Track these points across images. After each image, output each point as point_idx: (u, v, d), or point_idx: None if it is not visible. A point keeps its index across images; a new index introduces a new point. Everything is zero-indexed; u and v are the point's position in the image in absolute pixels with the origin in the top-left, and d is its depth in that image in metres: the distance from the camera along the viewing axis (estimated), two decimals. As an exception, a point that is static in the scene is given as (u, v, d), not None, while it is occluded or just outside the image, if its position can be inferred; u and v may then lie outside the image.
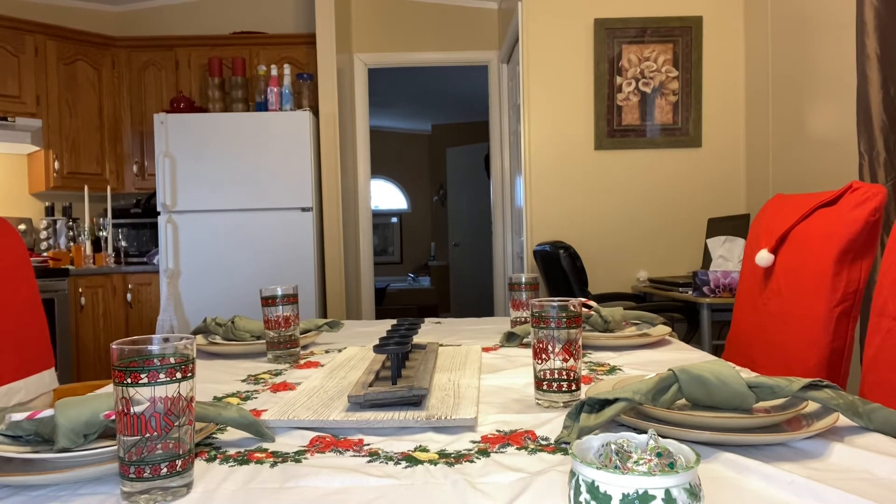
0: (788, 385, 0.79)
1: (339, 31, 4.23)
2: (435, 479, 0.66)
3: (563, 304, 0.91)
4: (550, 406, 0.91)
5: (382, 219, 8.91)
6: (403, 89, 7.04)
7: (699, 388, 0.80)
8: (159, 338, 0.62)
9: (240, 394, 1.05)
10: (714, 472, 0.66)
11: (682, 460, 0.49)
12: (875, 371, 1.18)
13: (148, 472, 0.60)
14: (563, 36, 3.72)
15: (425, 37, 4.68)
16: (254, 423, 0.79)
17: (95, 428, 0.72)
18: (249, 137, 3.81)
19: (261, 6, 4.64)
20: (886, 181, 2.23)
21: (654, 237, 3.76)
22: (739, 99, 3.72)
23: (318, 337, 1.55)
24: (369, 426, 0.83)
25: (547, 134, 3.76)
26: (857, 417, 0.77)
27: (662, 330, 1.43)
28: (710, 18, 3.69)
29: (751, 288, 1.69)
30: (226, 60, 4.20)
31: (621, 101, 3.72)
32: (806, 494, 0.60)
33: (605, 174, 3.76)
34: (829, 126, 2.87)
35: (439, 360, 1.20)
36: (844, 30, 2.61)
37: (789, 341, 1.48)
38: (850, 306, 1.37)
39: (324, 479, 0.67)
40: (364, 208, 4.69)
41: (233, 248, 3.74)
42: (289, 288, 1.32)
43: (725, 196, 3.73)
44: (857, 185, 1.41)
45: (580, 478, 0.48)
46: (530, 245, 3.77)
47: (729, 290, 2.72)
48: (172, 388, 0.61)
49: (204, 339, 1.47)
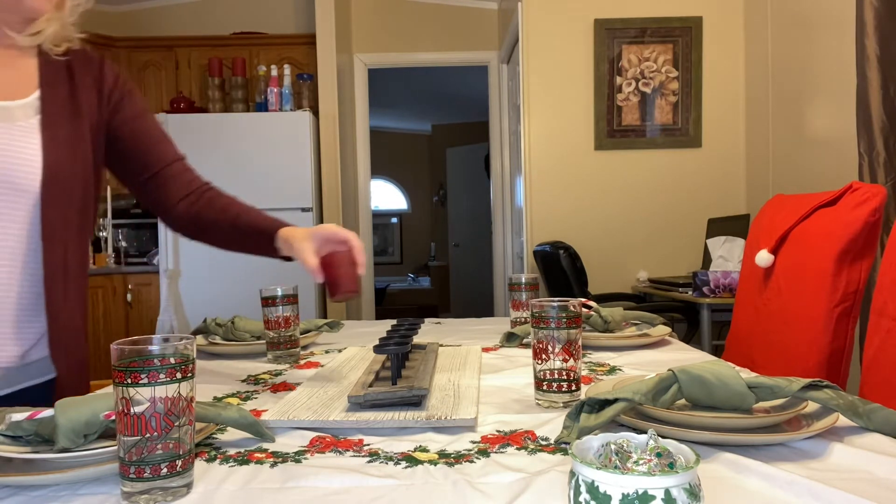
0: (788, 385, 0.79)
1: (339, 31, 4.23)
2: (435, 480, 0.66)
3: (563, 305, 0.91)
4: (550, 406, 0.91)
5: (382, 219, 8.91)
6: (403, 89, 7.05)
7: (699, 388, 0.80)
8: (159, 338, 0.62)
9: (240, 394, 1.05)
10: (714, 472, 0.66)
11: (682, 460, 0.49)
12: (875, 371, 1.18)
13: (148, 472, 0.60)
14: (563, 36, 3.72)
15: (425, 37, 4.68)
16: (254, 423, 0.79)
17: (95, 428, 0.72)
18: (249, 138, 3.81)
19: (261, 6, 4.64)
20: (886, 181, 2.23)
21: (654, 237, 3.76)
22: (739, 99, 3.72)
23: (318, 337, 1.55)
24: (369, 426, 0.83)
25: (547, 134, 3.76)
26: (857, 417, 0.77)
27: (662, 330, 1.43)
28: (710, 19, 3.69)
29: (751, 288, 1.69)
30: (226, 61, 4.20)
31: (621, 102, 3.72)
32: (806, 494, 0.60)
33: (606, 174, 3.76)
34: (829, 126, 2.87)
35: (439, 361, 1.20)
36: (844, 30, 2.61)
37: (789, 341, 1.48)
38: (850, 306, 1.37)
39: (324, 480, 0.67)
40: (364, 208, 4.69)
41: (233, 248, 3.73)
42: (289, 288, 1.32)
43: (725, 196, 3.73)
44: (857, 186, 1.41)
45: (580, 478, 0.48)
46: (530, 245, 3.77)
47: (729, 291, 2.72)
48: (172, 389, 0.61)
49: (204, 339, 1.47)
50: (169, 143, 1.27)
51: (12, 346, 1.08)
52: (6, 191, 1.03)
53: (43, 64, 1.13)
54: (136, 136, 1.22)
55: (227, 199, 1.26)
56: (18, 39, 1.08)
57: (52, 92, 1.11)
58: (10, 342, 1.07)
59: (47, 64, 1.13)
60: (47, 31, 1.09)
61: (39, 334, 1.11)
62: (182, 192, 1.24)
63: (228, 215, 1.22)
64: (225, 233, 1.23)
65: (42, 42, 1.11)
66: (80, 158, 1.12)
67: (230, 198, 1.26)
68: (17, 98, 1.08)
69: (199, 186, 1.27)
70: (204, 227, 1.25)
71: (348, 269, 1.06)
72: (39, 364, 1.13)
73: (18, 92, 1.09)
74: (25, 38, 1.09)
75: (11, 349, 1.08)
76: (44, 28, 1.09)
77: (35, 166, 1.05)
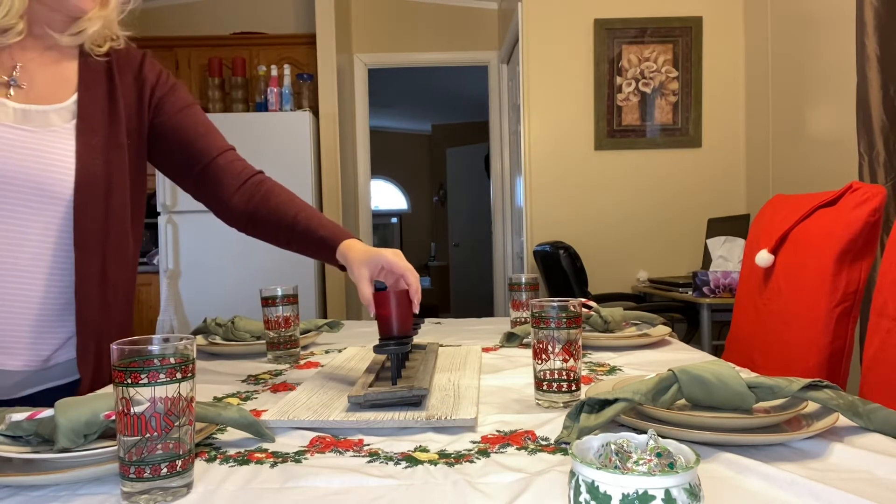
0: (788, 385, 0.79)
1: (339, 31, 4.23)
2: (435, 480, 0.66)
3: (563, 305, 0.91)
4: (550, 406, 0.91)
5: (382, 219, 8.91)
6: (403, 89, 7.05)
7: (699, 388, 0.80)
8: (159, 338, 0.62)
9: (240, 394, 1.05)
10: (714, 472, 0.66)
11: (682, 460, 0.49)
12: (875, 371, 1.18)
13: (148, 472, 0.60)
14: (563, 36, 3.72)
15: (425, 37, 4.68)
16: (254, 423, 0.79)
17: (95, 428, 0.72)
18: (249, 138, 3.81)
19: (261, 6, 4.64)
20: (886, 181, 2.23)
21: (654, 237, 3.76)
22: (739, 99, 3.72)
23: (318, 337, 1.55)
24: (369, 426, 0.83)
25: (547, 134, 3.76)
26: (857, 417, 0.77)
27: (662, 330, 1.43)
28: (710, 18, 3.69)
29: (751, 288, 1.69)
30: (226, 61, 4.20)
31: (621, 102, 3.72)
32: (806, 494, 0.60)
33: (605, 174, 3.76)
34: (829, 126, 2.87)
35: (439, 361, 1.20)
36: (844, 30, 2.61)
37: (789, 341, 1.48)
38: (850, 306, 1.37)
39: (324, 480, 0.67)
40: (364, 208, 4.69)
41: (233, 248, 3.74)
42: (289, 288, 1.32)
43: (725, 196, 3.73)
44: (857, 186, 1.41)
45: (580, 478, 0.48)
46: (530, 245, 3.77)
47: (729, 291, 2.72)
48: (172, 389, 0.61)
49: (204, 339, 1.47)
50: (216, 133, 1.23)
51: (34, 351, 1.07)
52: (40, 197, 1.02)
53: (83, 66, 1.11)
54: (181, 130, 1.19)
55: (283, 195, 1.20)
56: (60, 39, 1.07)
57: (89, 95, 1.09)
58: (31, 347, 1.06)
59: (87, 66, 1.11)
60: (89, 31, 1.07)
61: (64, 339, 1.10)
62: (236, 182, 1.19)
63: (287, 217, 1.16)
64: (283, 234, 1.18)
65: (84, 42, 1.09)
66: (116, 166, 1.10)
67: (287, 194, 1.21)
68: (54, 102, 1.06)
69: (253, 176, 1.22)
70: (260, 224, 1.20)
71: (404, 310, 1.00)
72: (63, 366, 1.12)
73: (56, 95, 1.07)
74: (67, 37, 1.07)
75: (33, 353, 1.07)
76: (86, 27, 1.07)
77: (69, 173, 1.03)
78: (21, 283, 1.03)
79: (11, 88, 1.04)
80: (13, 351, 1.05)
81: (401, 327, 0.99)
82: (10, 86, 1.04)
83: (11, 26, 1.02)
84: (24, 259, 1.03)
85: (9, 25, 1.01)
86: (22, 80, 1.05)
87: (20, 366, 1.06)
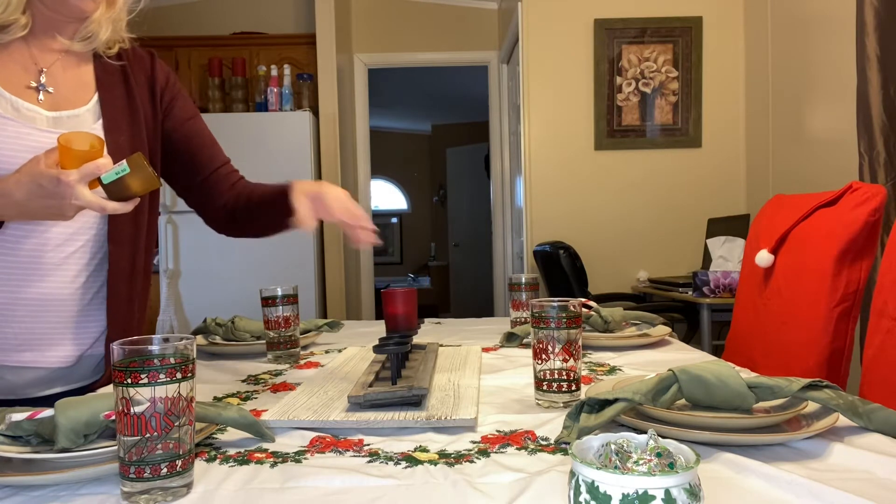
0: (788, 385, 0.79)
1: (339, 31, 4.23)
2: (435, 480, 0.66)
3: (563, 305, 0.91)
4: (550, 406, 0.91)
5: (382, 219, 8.91)
6: (403, 89, 7.05)
7: (699, 388, 0.80)
8: (159, 338, 0.62)
9: (240, 394, 1.05)
10: (714, 472, 0.66)
11: (682, 460, 0.49)
12: (875, 371, 1.18)
13: (148, 472, 0.60)
14: (563, 36, 3.72)
15: (425, 37, 4.68)
16: (254, 423, 0.79)
17: (95, 428, 0.72)
18: (249, 138, 3.81)
19: (261, 6, 4.64)
20: (886, 181, 2.23)
21: (653, 237, 3.76)
22: (739, 99, 3.72)
23: (318, 337, 1.55)
24: (369, 426, 0.83)
25: (547, 134, 3.76)
26: (857, 417, 0.77)
27: (662, 330, 1.43)
28: (710, 19, 3.69)
29: (751, 288, 1.69)
30: (226, 61, 4.20)
31: (621, 102, 3.72)
32: (806, 494, 0.60)
33: (605, 174, 3.76)
34: (829, 126, 2.87)
35: (439, 361, 1.20)
36: (844, 30, 2.61)
37: (789, 341, 1.48)
38: (850, 306, 1.37)
39: (324, 480, 0.67)
40: (364, 208, 4.66)
41: (233, 248, 3.74)
42: (289, 288, 1.32)
43: (725, 196, 3.73)
44: (857, 186, 1.41)
45: (580, 478, 0.48)
46: (530, 245, 3.77)
47: (729, 291, 2.72)
48: (172, 389, 0.61)
49: (204, 339, 1.47)
50: (218, 146, 1.29)
51: (71, 347, 1.10)
52: None
53: (98, 68, 1.14)
54: (189, 139, 1.24)
55: (251, 185, 1.27)
56: (72, 46, 1.09)
57: (109, 95, 1.13)
58: (69, 342, 1.10)
59: (103, 68, 1.14)
60: (101, 37, 1.10)
61: (97, 335, 1.13)
62: (225, 194, 1.26)
63: (251, 199, 1.23)
64: (253, 217, 1.23)
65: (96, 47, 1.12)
66: None
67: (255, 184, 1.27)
68: (79, 105, 1.10)
69: (235, 183, 1.27)
70: (239, 221, 1.26)
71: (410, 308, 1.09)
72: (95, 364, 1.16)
73: (80, 98, 1.11)
74: (78, 43, 1.10)
75: (70, 349, 1.10)
76: (96, 32, 1.09)
77: None
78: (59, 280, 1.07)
79: (41, 93, 1.07)
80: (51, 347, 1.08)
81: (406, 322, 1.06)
82: (39, 90, 1.07)
83: (13, 21, 1.03)
84: (61, 257, 1.07)
85: (11, 21, 1.03)
86: (49, 85, 1.08)
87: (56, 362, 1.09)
